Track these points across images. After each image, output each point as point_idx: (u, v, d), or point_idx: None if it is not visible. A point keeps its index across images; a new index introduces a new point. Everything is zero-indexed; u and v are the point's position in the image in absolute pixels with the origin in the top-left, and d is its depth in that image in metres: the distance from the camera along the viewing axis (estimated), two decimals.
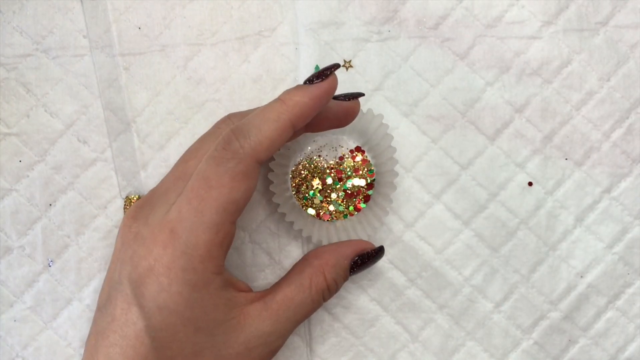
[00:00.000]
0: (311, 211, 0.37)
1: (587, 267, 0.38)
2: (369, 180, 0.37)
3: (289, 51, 0.39)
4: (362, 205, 0.37)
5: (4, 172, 0.39)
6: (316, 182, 0.37)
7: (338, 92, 0.34)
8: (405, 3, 0.39)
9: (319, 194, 0.37)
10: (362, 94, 0.35)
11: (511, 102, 0.39)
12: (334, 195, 0.37)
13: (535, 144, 0.39)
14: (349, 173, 0.37)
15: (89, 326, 0.38)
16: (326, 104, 0.31)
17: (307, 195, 0.37)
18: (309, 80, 0.31)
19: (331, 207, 0.37)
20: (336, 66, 0.32)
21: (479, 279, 0.39)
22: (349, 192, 0.37)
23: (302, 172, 0.37)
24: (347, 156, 0.37)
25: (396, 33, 0.39)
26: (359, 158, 0.37)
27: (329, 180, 0.37)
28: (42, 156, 0.39)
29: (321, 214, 0.37)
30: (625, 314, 0.38)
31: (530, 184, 0.39)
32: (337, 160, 0.37)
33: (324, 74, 0.31)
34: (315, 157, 0.38)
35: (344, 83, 0.39)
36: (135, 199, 0.38)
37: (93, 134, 0.39)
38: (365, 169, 0.37)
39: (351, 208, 0.37)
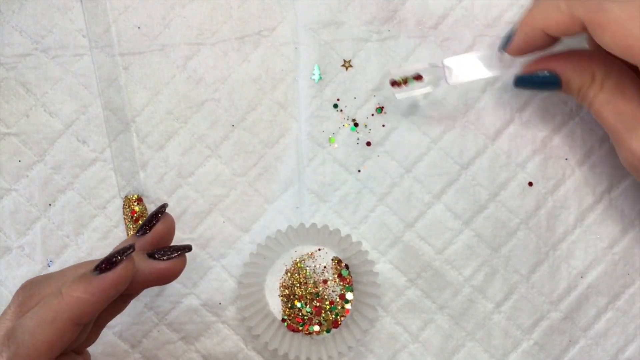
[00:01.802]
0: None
1: (587, 267, 0.38)
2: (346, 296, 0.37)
3: (289, 51, 0.39)
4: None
5: (4, 172, 0.39)
6: (304, 290, 0.37)
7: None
8: (405, 3, 0.39)
9: (306, 307, 0.37)
10: (187, 248, 0.31)
11: (511, 102, 0.39)
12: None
13: (536, 144, 0.39)
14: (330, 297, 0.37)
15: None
16: (117, 295, 0.28)
17: (294, 304, 0.37)
18: (99, 266, 0.27)
19: (315, 327, 0.37)
20: (130, 249, 0.28)
21: (479, 279, 0.38)
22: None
23: (294, 283, 0.37)
24: (328, 277, 0.37)
25: (396, 33, 0.39)
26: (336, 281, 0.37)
27: (299, 304, 0.37)
28: (41, 156, 0.39)
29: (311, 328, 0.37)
30: (626, 314, 0.38)
31: (530, 184, 0.38)
32: (316, 280, 0.37)
33: (114, 261, 0.27)
34: (298, 269, 0.38)
35: (344, 83, 0.39)
36: (134, 198, 0.38)
37: (92, 133, 0.39)
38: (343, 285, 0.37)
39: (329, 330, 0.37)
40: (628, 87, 0.31)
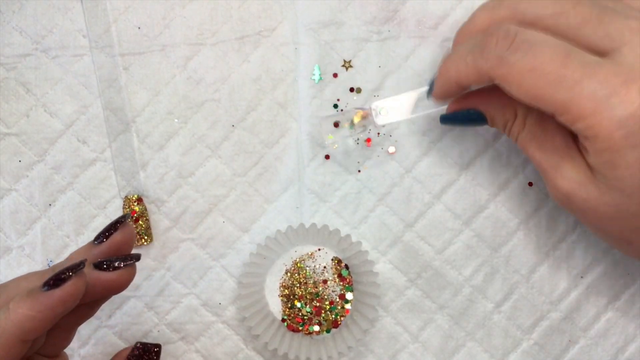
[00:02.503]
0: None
1: (587, 267, 0.38)
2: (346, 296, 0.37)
3: (289, 51, 0.39)
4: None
5: (4, 172, 0.39)
6: (303, 290, 0.37)
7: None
8: (405, 3, 0.39)
9: (306, 307, 0.37)
10: (134, 258, 0.30)
11: None
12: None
13: None
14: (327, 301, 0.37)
15: (88, 326, 0.38)
16: (67, 311, 0.27)
17: (294, 304, 0.37)
18: (48, 282, 0.26)
19: (315, 328, 0.37)
20: (80, 265, 0.27)
21: (479, 279, 0.38)
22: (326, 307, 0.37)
23: (293, 282, 0.37)
24: (329, 277, 0.37)
25: (396, 33, 0.39)
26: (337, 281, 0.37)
27: (298, 305, 0.37)
28: (41, 156, 0.39)
29: (311, 328, 0.37)
30: (626, 314, 0.38)
31: (530, 184, 0.38)
32: (316, 279, 0.37)
33: (62, 278, 0.26)
34: (297, 269, 0.38)
35: (344, 82, 0.39)
36: (134, 198, 0.38)
37: (93, 134, 0.39)
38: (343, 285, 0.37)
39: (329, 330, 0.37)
40: (550, 123, 0.30)
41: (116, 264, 0.29)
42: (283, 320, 0.37)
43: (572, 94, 0.26)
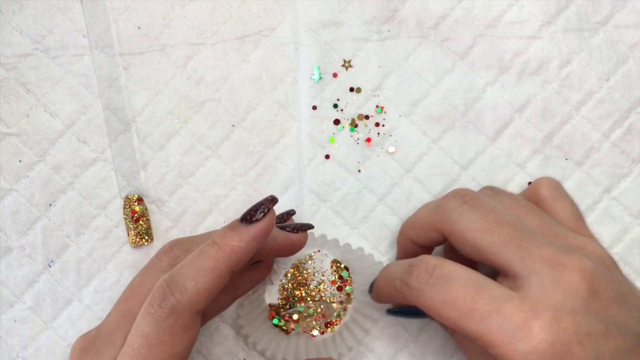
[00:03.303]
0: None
1: None
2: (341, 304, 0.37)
3: (289, 51, 0.39)
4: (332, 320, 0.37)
5: (4, 172, 0.39)
6: (302, 294, 0.37)
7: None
8: (405, 3, 0.39)
9: (300, 306, 0.37)
10: (310, 226, 0.34)
11: (511, 102, 0.39)
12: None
13: (536, 144, 0.39)
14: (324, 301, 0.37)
15: (89, 326, 0.38)
16: (260, 246, 0.30)
17: (294, 305, 0.37)
18: (245, 218, 0.30)
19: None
20: (273, 200, 0.30)
21: None
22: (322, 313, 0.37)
23: (292, 284, 0.37)
24: (325, 280, 0.37)
25: (396, 33, 0.39)
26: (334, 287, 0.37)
27: (297, 307, 0.37)
28: (42, 156, 0.39)
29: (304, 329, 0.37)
30: None
31: (530, 184, 0.38)
32: (315, 284, 0.37)
33: (261, 210, 0.30)
34: (297, 271, 0.37)
35: (344, 83, 0.39)
36: (135, 198, 0.38)
37: (93, 134, 0.39)
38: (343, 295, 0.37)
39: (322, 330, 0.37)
40: None
41: (297, 229, 0.34)
42: (282, 321, 0.37)
43: (483, 326, 0.28)
